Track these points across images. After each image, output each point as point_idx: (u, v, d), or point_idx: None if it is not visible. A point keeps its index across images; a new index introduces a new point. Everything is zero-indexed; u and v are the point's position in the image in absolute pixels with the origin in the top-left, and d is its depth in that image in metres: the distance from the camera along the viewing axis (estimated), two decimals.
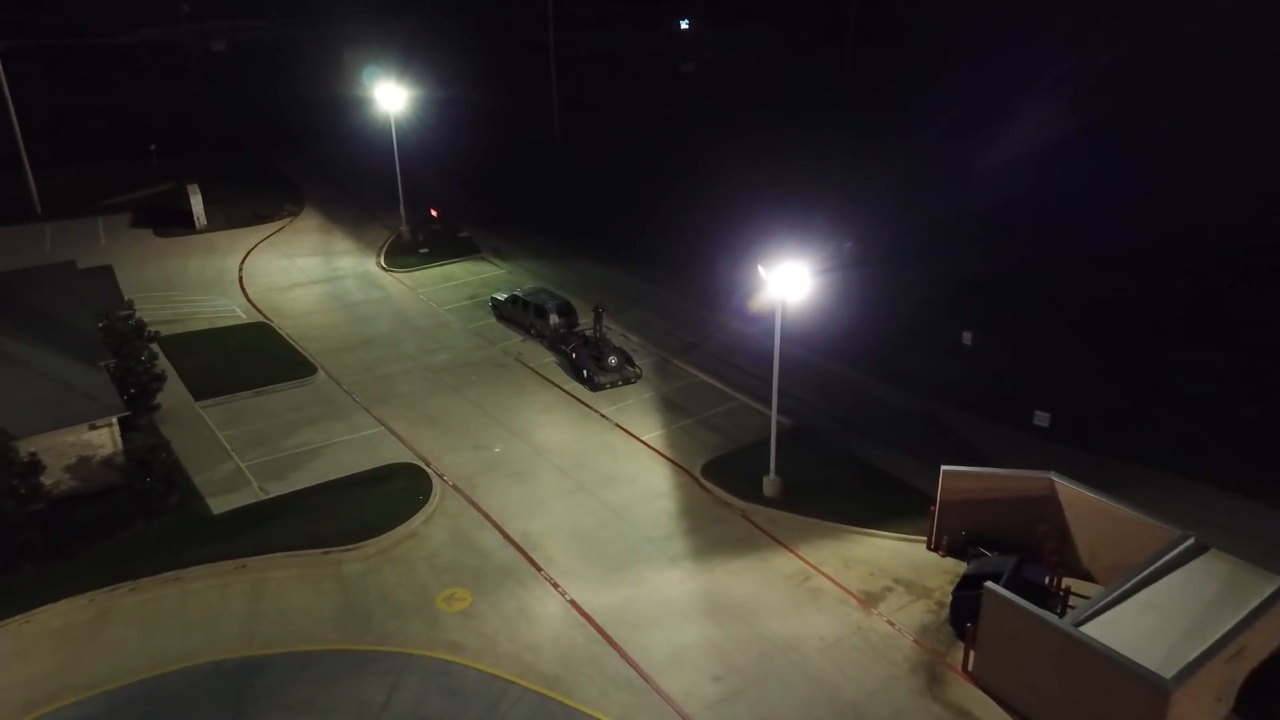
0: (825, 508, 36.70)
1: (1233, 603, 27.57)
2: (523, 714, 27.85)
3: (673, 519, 36.71)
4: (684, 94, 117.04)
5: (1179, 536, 30.10)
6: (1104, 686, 25.66)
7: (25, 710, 28.23)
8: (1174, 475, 38.59)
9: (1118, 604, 27.67)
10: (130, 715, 28.06)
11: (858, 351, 49.28)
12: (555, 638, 30.72)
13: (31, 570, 33.02)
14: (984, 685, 28.65)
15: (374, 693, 28.63)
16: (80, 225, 69.55)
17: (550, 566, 33.99)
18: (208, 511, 36.86)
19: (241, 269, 62.64)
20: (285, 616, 31.83)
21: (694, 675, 29.18)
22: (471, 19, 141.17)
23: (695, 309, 55.70)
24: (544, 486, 38.85)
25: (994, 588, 28.13)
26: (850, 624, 31.25)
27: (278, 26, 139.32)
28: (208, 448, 41.01)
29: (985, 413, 43.84)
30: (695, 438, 42.30)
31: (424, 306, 57.38)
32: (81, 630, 31.32)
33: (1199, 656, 25.39)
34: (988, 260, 57.41)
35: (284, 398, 46.12)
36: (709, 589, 32.87)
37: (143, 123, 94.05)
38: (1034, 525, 33.13)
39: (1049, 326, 51.53)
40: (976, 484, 33.93)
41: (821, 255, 46.54)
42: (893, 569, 33.73)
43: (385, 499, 37.87)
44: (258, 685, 29.01)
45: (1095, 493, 32.36)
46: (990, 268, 56.67)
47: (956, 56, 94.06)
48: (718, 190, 73.15)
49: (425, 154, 78.55)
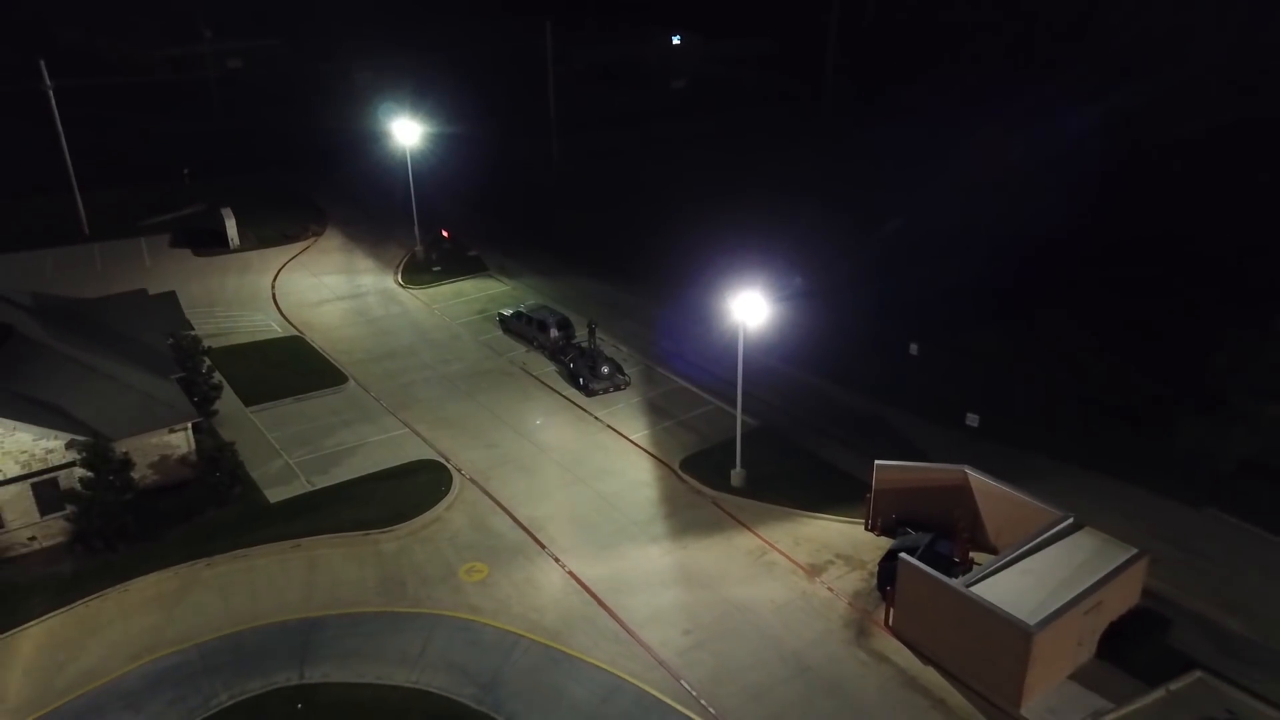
0: (782, 495, 43.85)
1: (1095, 568, 34.68)
2: (531, 660, 34.98)
3: (654, 505, 43.86)
4: (675, 110, 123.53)
5: (1061, 517, 37.21)
6: (987, 633, 32.78)
7: (133, 659, 35.36)
8: (1078, 467, 45.72)
9: (1003, 570, 34.80)
10: (217, 662, 35.18)
11: (818, 360, 56.39)
12: (556, 601, 37.88)
13: (126, 549, 40.10)
14: (900, 636, 35.78)
15: (411, 645, 35.75)
16: (125, 246, 76.59)
17: (552, 545, 41.14)
18: (265, 501, 43.98)
19: (274, 286, 69.71)
20: (335, 585, 38.97)
21: (668, 630, 36.31)
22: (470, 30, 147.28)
23: (679, 322, 62.63)
24: (546, 479, 45.98)
25: (907, 558, 35.25)
26: (797, 590, 38.39)
27: (289, 45, 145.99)
28: (260, 447, 48.09)
29: (925, 414, 50.95)
30: (675, 437, 49.43)
31: (438, 321, 64.44)
32: (171, 597, 38.46)
33: (1059, 609, 32.50)
34: (938, 278, 64.32)
35: (321, 403, 53.24)
36: (682, 562, 40.02)
37: (171, 145, 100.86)
38: (951, 509, 40.22)
39: (986, 338, 58.50)
40: (904, 475, 41.06)
41: (780, 282, 53.79)
42: (835, 545, 40.87)
43: (413, 490, 45.00)
44: (317, 640, 36.12)
45: (999, 482, 39.48)
46: (940, 285, 63.59)
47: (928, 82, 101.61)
48: (702, 210, 80.00)
49: (434, 176, 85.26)
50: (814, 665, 34.68)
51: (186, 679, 34.36)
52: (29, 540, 40.05)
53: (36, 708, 33.21)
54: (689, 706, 32.82)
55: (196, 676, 34.43)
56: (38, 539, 40.18)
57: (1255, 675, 33.94)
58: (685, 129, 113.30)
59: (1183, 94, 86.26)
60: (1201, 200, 71.41)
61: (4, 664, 35.12)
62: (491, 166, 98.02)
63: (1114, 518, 41.20)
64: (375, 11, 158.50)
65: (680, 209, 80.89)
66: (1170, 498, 43.56)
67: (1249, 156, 76.52)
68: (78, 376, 41.90)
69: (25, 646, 35.94)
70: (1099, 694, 33.24)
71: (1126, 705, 32.76)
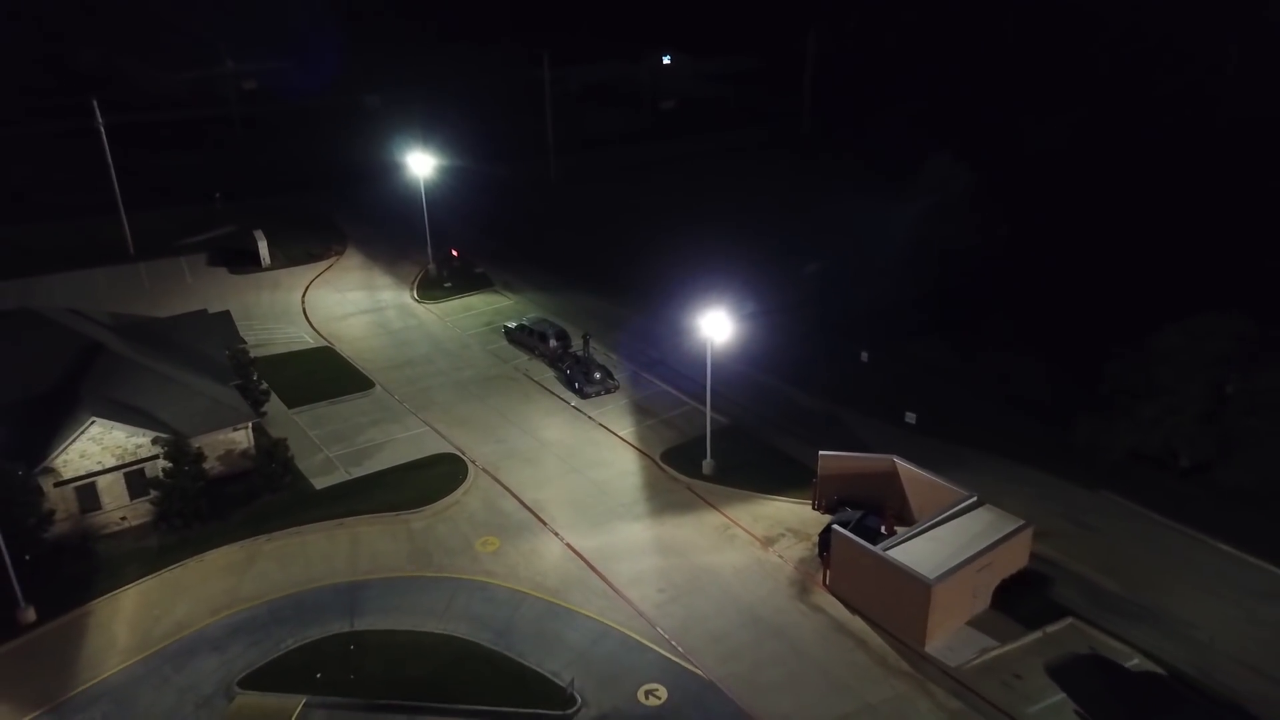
0: (744, 481, 52.34)
1: (988, 536, 43.17)
2: (535, 613, 43.42)
3: (638, 490, 52.34)
4: (663, 131, 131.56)
5: (966, 496, 45.71)
6: (898, 586, 41.25)
7: (214, 613, 43.78)
8: (997, 456, 54.19)
9: (914, 538, 43.31)
10: (282, 615, 43.60)
11: (782, 367, 64.81)
12: (556, 567, 46.35)
13: (200, 527, 48.44)
14: (834, 592, 44.23)
15: (438, 602, 44.19)
16: (167, 265, 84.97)
17: (553, 522, 49.60)
18: (312, 488, 52.41)
19: (304, 301, 78.11)
20: (375, 555, 47.41)
21: (647, 589, 44.76)
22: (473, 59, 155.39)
23: (663, 332, 70.82)
24: (547, 468, 54.45)
25: (839, 529, 43.74)
26: (753, 557, 46.86)
27: (300, 67, 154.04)
28: (304, 443, 56.44)
29: (872, 413, 59.41)
30: (657, 433, 57.90)
31: (450, 332, 72.84)
32: (239, 565, 46.89)
33: (955, 567, 40.99)
34: (891, 292, 72.64)
35: (352, 406, 61.64)
36: (660, 535, 48.50)
37: (200, 169, 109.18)
38: (882, 491, 48.71)
39: (926, 347, 66.87)
40: (843, 463, 49.57)
41: (746, 300, 62.30)
42: (786, 521, 49.34)
43: (434, 478, 53.43)
44: (362, 598, 44.54)
45: (920, 468, 47.98)
46: (891, 299, 71.92)
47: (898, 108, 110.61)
48: (685, 228, 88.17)
49: (443, 198, 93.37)
50: (764, 616, 43.16)
51: (259, 628, 42.83)
52: (121, 519, 48.49)
53: (141, 650, 41.67)
54: (662, 647, 41.30)
55: (266, 626, 42.90)
56: (128, 518, 48.61)
57: (1118, 622, 42.44)
58: (673, 149, 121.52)
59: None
60: (1111, 227, 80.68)
61: (111, 618, 43.58)
62: (494, 188, 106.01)
63: (1022, 498, 49.84)
64: (381, 39, 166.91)
65: (666, 227, 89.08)
66: (1070, 481, 52.16)
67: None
68: (157, 384, 50.30)
69: (126, 604, 44.40)
70: (989, 635, 41.77)
71: (1009, 643, 41.30)
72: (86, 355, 50.66)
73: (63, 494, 46.60)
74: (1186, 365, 48.75)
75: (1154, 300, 60.31)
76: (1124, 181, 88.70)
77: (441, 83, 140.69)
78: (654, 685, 39.32)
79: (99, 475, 47.36)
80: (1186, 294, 58.43)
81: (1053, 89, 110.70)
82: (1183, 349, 49.23)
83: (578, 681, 39.17)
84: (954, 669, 40.08)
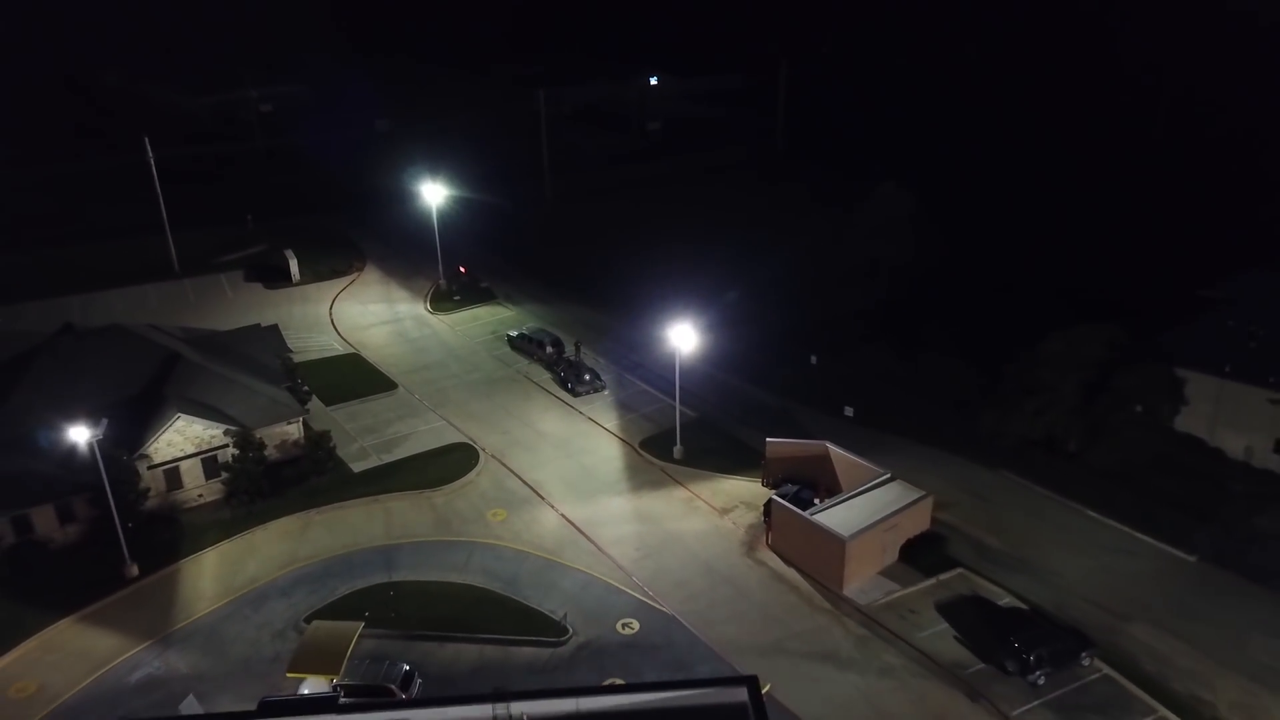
0: (707, 464, 63.54)
1: (895, 504, 54.40)
2: (536, 567, 54.56)
3: (620, 471, 63.53)
4: (649, 152, 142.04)
5: (881, 473, 56.89)
6: (822, 543, 52.43)
7: (279, 568, 54.89)
8: (918, 443, 65.31)
9: (836, 506, 54.52)
10: (334, 570, 54.68)
11: (743, 368, 75.94)
12: (552, 532, 57.54)
13: (262, 502, 59.46)
14: (774, 549, 55.44)
15: (458, 559, 55.31)
16: (208, 281, 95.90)
17: (550, 497, 60.77)
18: (351, 471, 63.49)
19: (331, 313, 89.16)
20: (405, 524, 58.54)
21: (626, 548, 55.93)
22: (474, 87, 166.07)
23: (643, 340, 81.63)
24: (544, 454, 65.58)
25: (777, 499, 54.96)
26: (711, 524, 58.06)
27: (312, 89, 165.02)
28: (342, 435, 67.39)
29: (819, 407, 70.55)
30: (637, 425, 69.05)
31: (460, 340, 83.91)
32: (295, 532, 57.99)
33: (865, 527, 52.17)
34: (841, 303, 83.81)
35: (379, 404, 72.72)
36: (637, 507, 59.71)
37: (230, 192, 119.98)
38: (817, 470, 59.88)
39: (870, 351, 78.02)
40: (786, 448, 60.78)
41: (712, 311, 73.36)
42: (740, 496, 60.53)
43: (451, 463, 64.52)
44: (396, 557, 55.65)
45: (847, 451, 59.14)
46: (840, 309, 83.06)
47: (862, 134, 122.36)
48: (664, 245, 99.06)
49: (451, 218, 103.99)
50: (718, 568, 54.38)
51: (316, 580, 53.96)
52: (198, 496, 59.59)
53: (224, 597, 52.80)
54: (636, 592, 52.49)
55: (322, 578, 54.02)
56: (204, 495, 59.71)
57: (998, 572, 53.69)
58: (657, 169, 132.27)
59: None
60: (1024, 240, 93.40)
61: (197, 573, 54.72)
62: (495, 208, 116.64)
63: (936, 477, 61.00)
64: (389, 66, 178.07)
65: (648, 244, 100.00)
66: (976, 463, 63.37)
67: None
68: (225, 386, 61.38)
69: (208, 563, 55.52)
70: (894, 581, 53.01)
71: (909, 587, 52.57)
72: (167, 363, 61.73)
73: (154, 475, 57.68)
74: (1063, 367, 60.02)
75: (1049, 311, 71.65)
76: (1030, 209, 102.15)
77: (445, 110, 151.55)
78: (629, 619, 50.57)
79: (182, 460, 58.45)
80: (1076, 307, 70.06)
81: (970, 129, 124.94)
82: (1061, 353, 60.54)
83: (570, 616, 50.40)
84: (864, 606, 51.33)
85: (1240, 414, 62.62)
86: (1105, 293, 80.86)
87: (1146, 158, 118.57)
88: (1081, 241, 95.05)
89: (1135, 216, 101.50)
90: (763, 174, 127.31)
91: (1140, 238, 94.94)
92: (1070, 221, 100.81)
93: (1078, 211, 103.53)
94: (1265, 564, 53.77)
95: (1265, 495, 59.22)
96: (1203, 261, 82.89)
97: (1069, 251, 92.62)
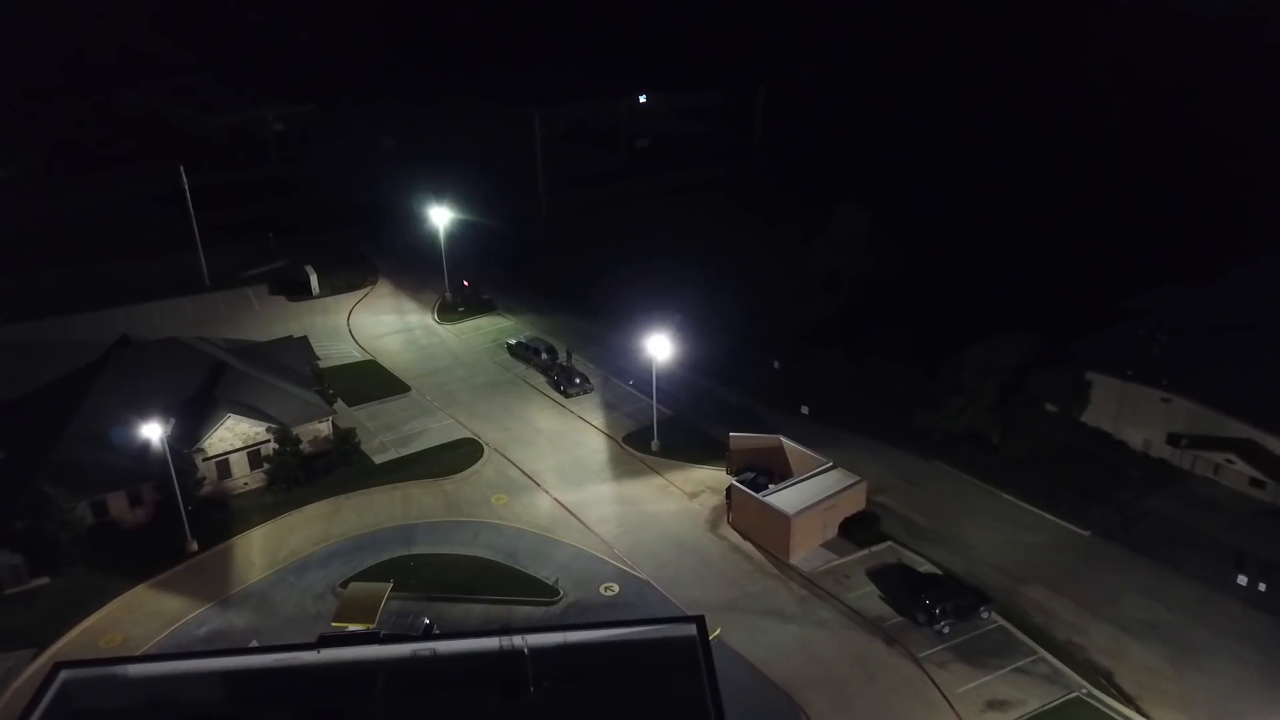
0: (681, 456, 73.76)
1: (835, 488, 64.58)
2: (533, 542, 64.70)
3: (605, 463, 73.75)
4: (637, 168, 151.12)
5: (824, 462, 67.03)
6: (772, 519, 62.59)
7: (315, 544, 64.97)
8: (863, 436, 75.46)
9: (784, 489, 64.68)
10: (362, 545, 64.72)
11: (714, 371, 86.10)
12: (547, 513, 67.75)
13: (298, 490, 69.51)
14: (735, 527, 65.59)
15: (467, 536, 65.44)
16: (236, 294, 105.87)
17: (545, 484, 70.96)
18: (373, 463, 73.61)
19: (349, 323, 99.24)
20: (421, 507, 68.69)
21: (610, 526, 66.13)
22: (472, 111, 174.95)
23: (627, 346, 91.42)
24: (540, 448, 75.78)
25: (736, 484, 65.18)
26: (682, 506, 68.27)
27: (321, 109, 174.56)
28: (364, 432, 77.45)
29: (779, 406, 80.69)
30: (620, 423, 79.21)
31: (465, 347, 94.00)
32: (328, 515, 68.10)
33: (808, 506, 62.37)
34: (803, 312, 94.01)
35: (395, 404, 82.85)
36: (619, 492, 69.93)
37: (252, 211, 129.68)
38: (772, 460, 70.01)
39: (829, 356, 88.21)
40: (747, 441, 70.97)
41: (687, 320, 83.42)
42: (707, 482, 70.72)
43: (460, 456, 74.64)
44: (414, 534, 65.78)
45: (797, 444, 69.29)
46: (802, 319, 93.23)
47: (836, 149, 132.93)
48: (646, 258, 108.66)
49: (453, 235, 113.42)
50: (687, 542, 64.57)
51: (347, 554, 64.04)
52: (244, 485, 69.73)
53: (271, 568, 62.88)
54: (617, 562, 62.65)
55: (352, 552, 64.11)
56: (248, 484, 69.85)
57: (922, 545, 63.85)
58: (644, 186, 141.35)
59: None
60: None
61: (247, 548, 64.83)
62: (495, 225, 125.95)
63: (878, 466, 71.22)
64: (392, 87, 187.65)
65: (633, 257, 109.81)
66: (914, 454, 73.53)
67: None
68: (265, 390, 71.52)
69: (255, 540, 65.61)
70: (832, 552, 63.21)
71: (845, 557, 62.77)
72: (216, 370, 71.86)
73: (208, 466, 67.80)
74: (983, 370, 70.21)
75: (986, 320, 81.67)
76: (977, 227, 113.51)
77: (443, 128, 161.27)
78: (610, 584, 60.78)
79: (231, 454, 68.58)
80: (1009, 316, 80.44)
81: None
82: (982, 358, 70.72)
83: (561, 581, 60.60)
84: (806, 573, 61.51)
85: (1139, 411, 73.00)
86: (1037, 302, 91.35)
87: (1093, 173, 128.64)
88: (1022, 257, 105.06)
89: (1073, 232, 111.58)
90: (738, 193, 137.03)
91: (1076, 252, 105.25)
92: (1014, 238, 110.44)
93: (1022, 228, 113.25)
94: (1148, 537, 64.04)
95: (1156, 480, 69.58)
96: (1131, 275, 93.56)
97: (1011, 266, 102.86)
